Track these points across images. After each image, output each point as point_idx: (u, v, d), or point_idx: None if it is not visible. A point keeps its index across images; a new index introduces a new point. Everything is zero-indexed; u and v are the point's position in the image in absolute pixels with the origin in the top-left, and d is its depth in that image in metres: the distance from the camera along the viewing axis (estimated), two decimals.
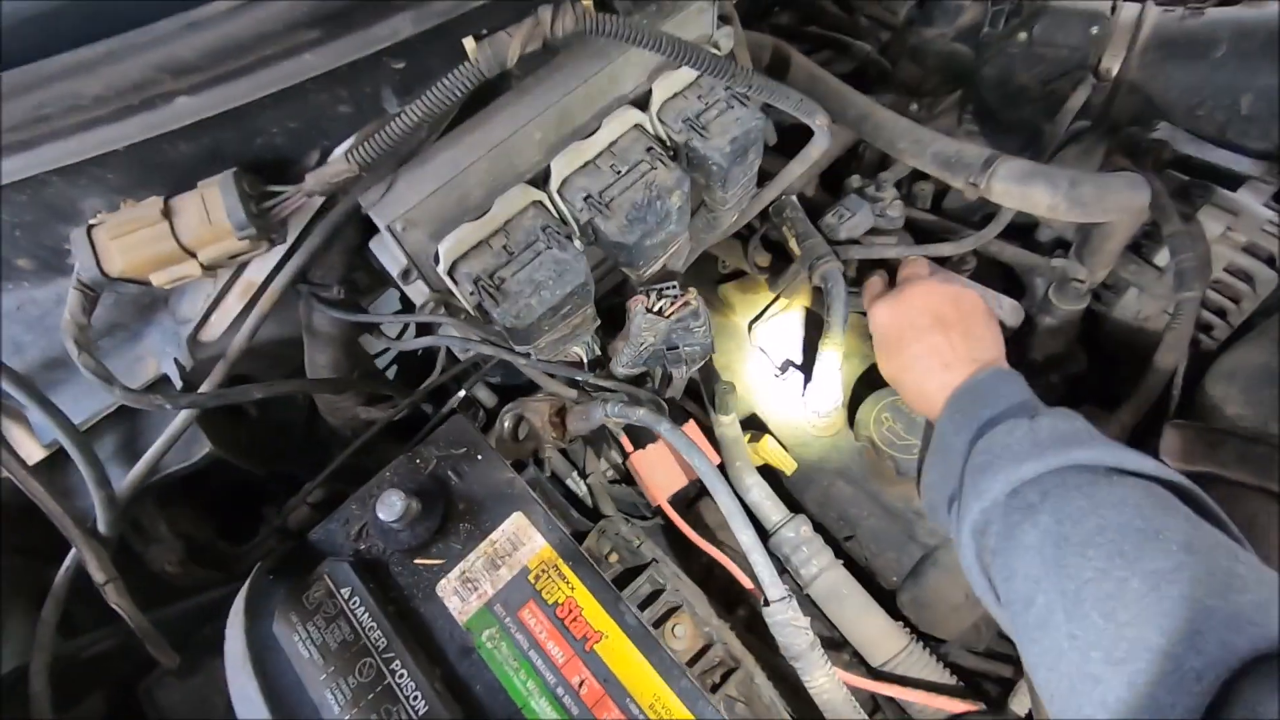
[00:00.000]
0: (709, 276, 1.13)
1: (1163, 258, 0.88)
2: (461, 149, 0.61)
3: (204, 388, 0.61)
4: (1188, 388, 0.79)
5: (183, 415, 0.61)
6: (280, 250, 0.59)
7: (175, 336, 0.60)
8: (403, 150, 0.59)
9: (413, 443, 0.72)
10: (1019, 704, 0.68)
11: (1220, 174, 0.93)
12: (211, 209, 0.51)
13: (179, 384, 0.60)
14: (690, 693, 0.54)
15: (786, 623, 0.60)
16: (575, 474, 0.92)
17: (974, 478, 0.57)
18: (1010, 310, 0.94)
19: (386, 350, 0.95)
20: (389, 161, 0.59)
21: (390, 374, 1.00)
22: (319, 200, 0.58)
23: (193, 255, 0.52)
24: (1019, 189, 0.75)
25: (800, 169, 0.78)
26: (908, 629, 0.80)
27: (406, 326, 0.80)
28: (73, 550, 0.56)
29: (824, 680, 0.61)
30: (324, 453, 0.77)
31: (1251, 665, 0.39)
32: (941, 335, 0.71)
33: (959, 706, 0.66)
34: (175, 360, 0.60)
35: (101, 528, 0.57)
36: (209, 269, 0.54)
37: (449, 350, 0.83)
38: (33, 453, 0.59)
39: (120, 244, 0.51)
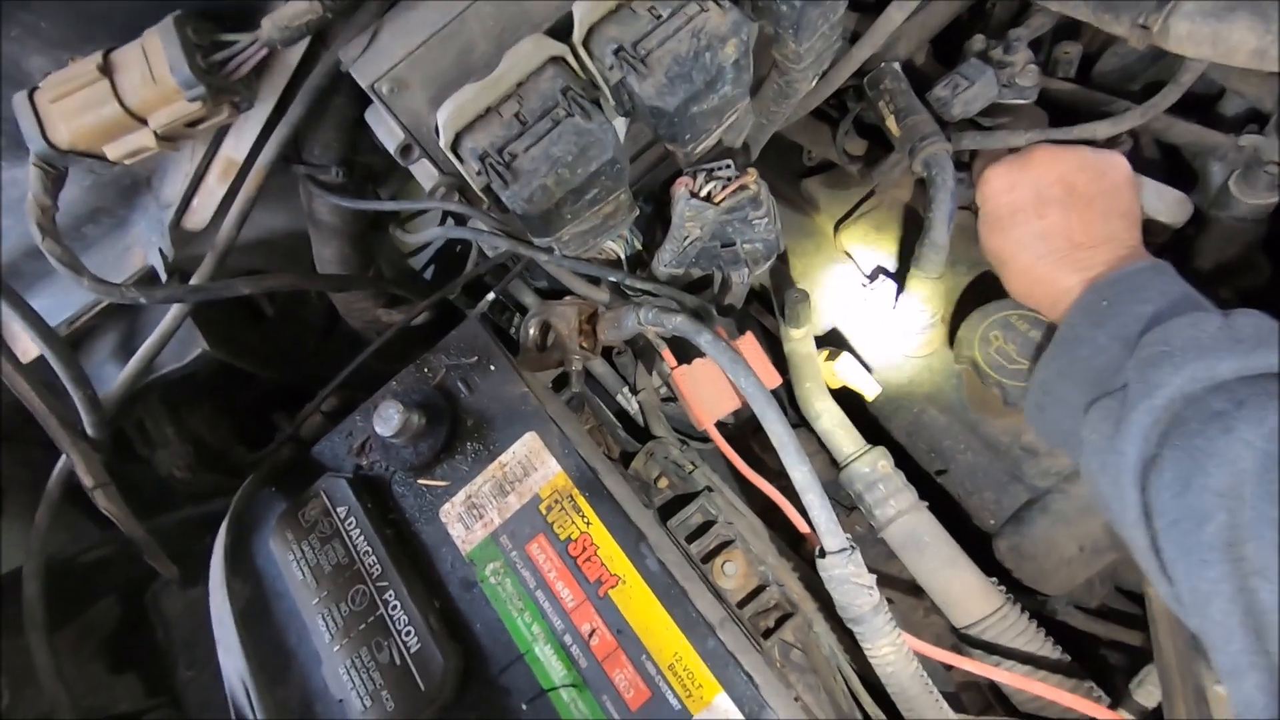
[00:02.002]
0: (792, 169, 0.98)
1: None
2: None
3: (193, 281, 0.55)
4: None
5: (174, 312, 0.56)
6: (259, 122, 0.51)
7: (159, 224, 0.54)
8: None
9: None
10: (1145, 696, 0.55)
11: None
12: (154, 62, 0.43)
13: (164, 276, 0.55)
14: (719, 655, 0.45)
15: (845, 579, 0.50)
16: (626, 389, 0.83)
17: (1145, 370, 0.48)
18: (1174, 204, 0.74)
19: (427, 246, 0.88)
20: (370, 6, 0.48)
21: (429, 273, 0.93)
22: (292, 58, 0.48)
23: (143, 122, 0.44)
24: (1211, 28, 0.55)
25: (900, 16, 0.60)
26: (1002, 587, 0.67)
27: (444, 219, 0.72)
28: (63, 454, 0.53)
29: (888, 650, 0.51)
30: (349, 358, 0.71)
31: None
32: (1074, 211, 0.58)
33: (1059, 692, 0.53)
34: (160, 251, 0.54)
35: (88, 430, 0.53)
36: (166, 140, 0.46)
37: (481, 248, 0.75)
38: (29, 349, 0.56)
39: (60, 108, 0.43)
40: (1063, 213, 0.59)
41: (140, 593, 0.60)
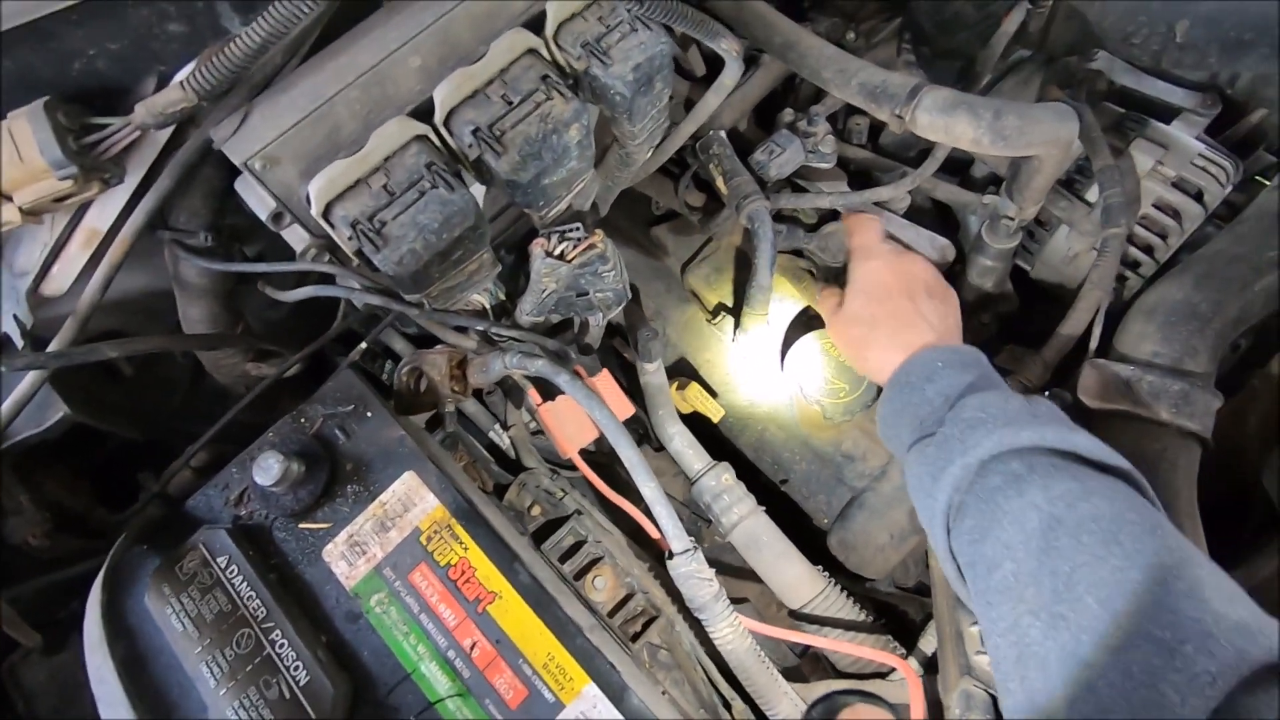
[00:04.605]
0: (642, 217, 1.09)
1: (1094, 193, 0.86)
2: (326, 76, 0.54)
3: (53, 346, 0.55)
4: (1113, 326, 0.78)
5: (30, 378, 0.56)
6: (125, 193, 0.53)
7: (14, 291, 0.54)
8: (256, 77, 0.52)
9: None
10: (927, 644, 0.68)
11: (1156, 106, 0.91)
12: (22, 144, 0.45)
13: (20, 343, 0.55)
14: (586, 650, 0.52)
15: (690, 575, 0.59)
16: (497, 426, 0.89)
17: (964, 431, 0.57)
18: (941, 249, 0.92)
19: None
20: (241, 90, 0.52)
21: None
22: (162, 136, 0.51)
23: (8, 199, 0.46)
24: (943, 121, 0.71)
25: (716, 101, 0.72)
26: (826, 573, 0.80)
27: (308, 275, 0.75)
28: None
29: (728, 631, 0.60)
30: (218, 414, 0.72)
31: (1254, 676, 0.39)
32: (933, 301, 0.75)
33: (861, 648, 0.66)
34: (15, 317, 0.54)
35: None
36: (32, 214, 0.48)
37: (350, 301, 0.78)
38: None
39: None
40: (929, 301, 0.75)
41: None
